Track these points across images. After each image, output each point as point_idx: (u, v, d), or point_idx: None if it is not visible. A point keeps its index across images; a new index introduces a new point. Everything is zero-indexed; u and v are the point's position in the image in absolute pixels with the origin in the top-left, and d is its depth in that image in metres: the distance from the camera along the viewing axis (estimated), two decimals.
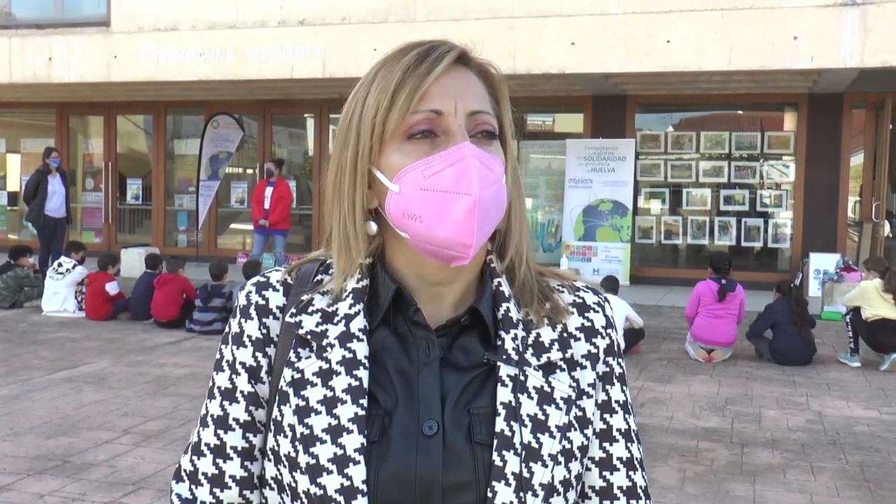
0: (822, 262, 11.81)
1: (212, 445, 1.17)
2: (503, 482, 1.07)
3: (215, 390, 1.18)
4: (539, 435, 1.10)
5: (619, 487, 1.18)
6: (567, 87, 12.77)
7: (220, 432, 1.17)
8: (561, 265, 12.53)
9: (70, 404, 6.50)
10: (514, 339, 1.13)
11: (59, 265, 10.70)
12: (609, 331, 1.21)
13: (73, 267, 10.64)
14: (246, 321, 1.18)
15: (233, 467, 1.16)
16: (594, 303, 1.22)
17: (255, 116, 15.75)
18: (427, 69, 1.09)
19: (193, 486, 1.17)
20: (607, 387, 1.20)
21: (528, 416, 1.10)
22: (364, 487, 1.05)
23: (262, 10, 12.13)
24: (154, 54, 12.60)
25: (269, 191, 12.56)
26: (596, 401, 1.18)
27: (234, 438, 1.16)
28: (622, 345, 1.24)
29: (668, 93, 13.18)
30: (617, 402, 1.20)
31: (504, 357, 1.12)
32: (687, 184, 13.75)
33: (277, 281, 1.20)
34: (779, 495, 4.88)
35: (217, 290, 9.68)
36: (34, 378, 7.34)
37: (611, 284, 9.08)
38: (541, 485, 1.08)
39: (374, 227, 1.14)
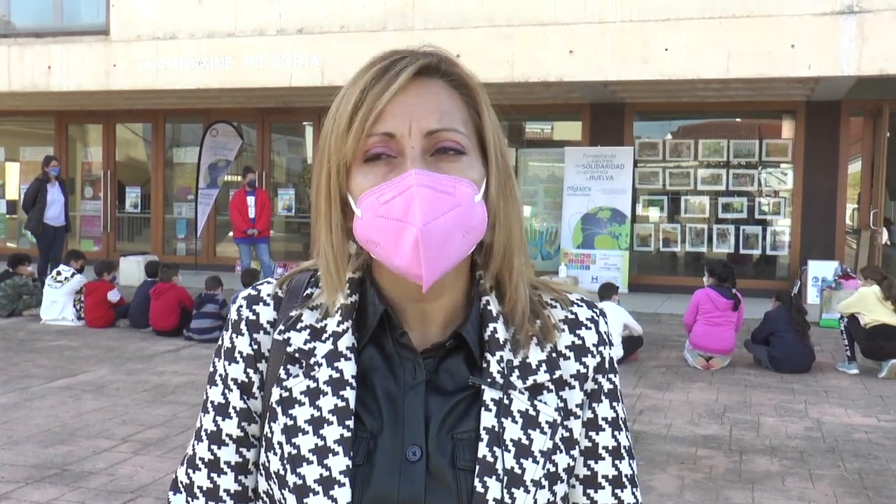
0: (821, 270, 11.84)
1: (206, 460, 1.17)
2: None
3: (209, 405, 1.19)
4: (522, 460, 1.08)
5: None
6: (565, 94, 12.80)
7: (214, 447, 1.17)
8: (559, 273, 12.55)
9: (69, 412, 6.49)
10: (500, 361, 1.11)
11: (58, 273, 10.70)
12: (601, 348, 1.19)
13: (72, 275, 10.64)
14: (237, 337, 1.17)
15: (227, 481, 1.17)
16: (587, 318, 1.19)
17: (254, 124, 15.77)
18: (383, 88, 1.05)
19: (190, 499, 1.18)
20: (594, 404, 1.18)
21: (511, 441, 1.09)
22: None
23: (260, 18, 12.15)
24: (153, 63, 12.62)
25: (251, 200, 12.56)
26: (582, 420, 1.17)
27: (227, 453, 1.16)
28: (615, 357, 1.22)
29: (666, 100, 13.20)
30: (604, 419, 1.18)
31: (489, 380, 1.10)
32: (685, 191, 13.78)
33: (268, 295, 1.19)
34: (777, 502, 4.88)
35: (210, 296, 9.71)
36: (33, 386, 7.33)
37: (608, 292, 9.07)
38: None
39: (353, 247, 1.13)
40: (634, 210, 13.58)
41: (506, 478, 1.07)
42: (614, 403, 1.20)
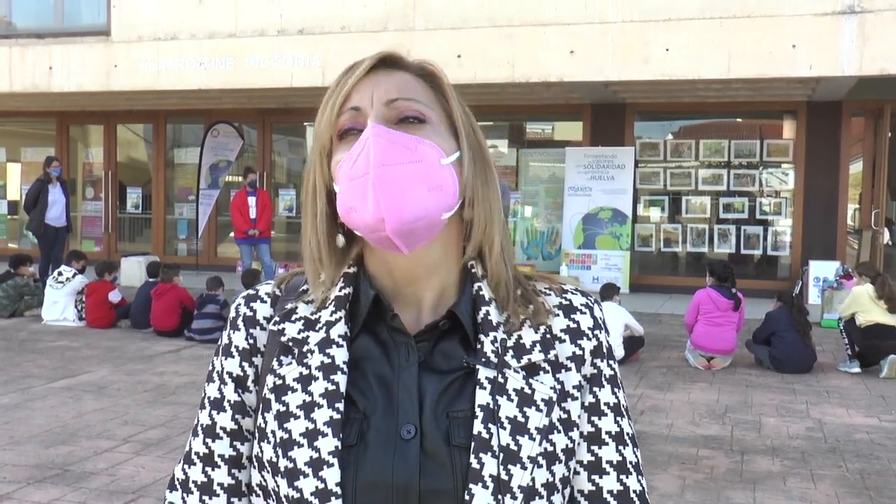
0: (822, 270, 11.83)
1: (201, 454, 1.19)
2: (480, 485, 1.06)
3: (205, 400, 1.21)
4: (518, 437, 1.09)
5: (609, 491, 1.17)
6: (566, 95, 12.80)
7: (209, 441, 1.19)
8: (561, 273, 12.54)
9: (70, 413, 6.50)
10: (494, 341, 1.13)
11: (60, 274, 10.70)
12: (597, 332, 1.20)
13: (74, 276, 10.64)
14: (234, 332, 1.20)
15: (220, 475, 1.18)
16: (581, 304, 1.21)
17: (255, 125, 15.77)
18: (349, 75, 1.14)
19: (185, 494, 1.20)
20: (595, 389, 1.18)
21: (507, 418, 1.09)
22: (338, 490, 1.06)
23: (261, 19, 12.16)
24: (154, 63, 12.63)
25: (252, 200, 12.58)
26: (582, 403, 1.17)
27: (221, 447, 1.18)
28: (614, 346, 1.24)
29: (667, 101, 13.20)
30: (606, 404, 1.19)
31: (483, 360, 1.12)
32: (686, 192, 13.77)
33: (266, 293, 1.23)
34: (779, 503, 4.88)
35: (211, 297, 9.71)
36: (34, 387, 7.33)
37: (609, 292, 9.07)
38: (520, 487, 1.07)
39: (341, 239, 1.18)
40: (635, 210, 13.58)
41: (502, 454, 1.08)
42: (615, 390, 1.20)
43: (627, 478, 1.18)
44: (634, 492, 1.18)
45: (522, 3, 11.08)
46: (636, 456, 1.20)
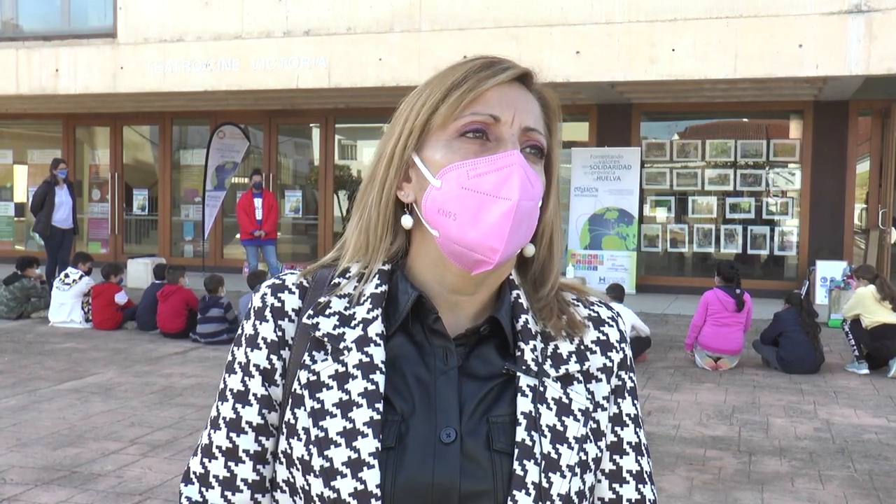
0: (829, 270, 11.80)
1: (224, 448, 1.16)
2: (523, 491, 1.07)
3: (227, 392, 1.18)
4: (558, 445, 1.11)
5: (629, 500, 1.19)
6: (572, 95, 12.78)
7: (233, 435, 1.16)
8: (567, 273, 12.52)
9: (77, 415, 6.51)
10: (534, 350, 1.14)
11: (66, 276, 10.72)
12: (622, 345, 1.23)
13: (80, 278, 10.66)
14: (261, 323, 1.17)
15: (245, 470, 1.15)
16: (608, 317, 1.24)
17: (261, 126, 15.79)
18: (488, 75, 1.12)
19: (204, 489, 1.17)
20: (619, 400, 1.21)
21: (547, 426, 1.11)
22: (378, 492, 1.05)
23: (267, 20, 12.17)
24: (160, 65, 12.65)
25: (258, 202, 12.61)
26: (609, 414, 1.19)
27: (246, 441, 1.16)
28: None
29: (673, 101, 13.18)
30: (628, 415, 1.21)
31: (524, 367, 1.13)
32: (692, 192, 13.75)
33: (293, 283, 1.20)
34: None
35: (214, 300, 9.68)
36: (41, 389, 7.34)
37: (616, 293, 9.06)
38: (559, 495, 1.09)
39: (409, 220, 1.16)
40: (642, 211, 13.56)
41: (543, 462, 1.09)
42: (635, 401, 1.24)
43: (644, 487, 1.21)
44: (650, 500, 1.21)
45: (528, 4, 11.08)
46: (649, 466, 1.23)
